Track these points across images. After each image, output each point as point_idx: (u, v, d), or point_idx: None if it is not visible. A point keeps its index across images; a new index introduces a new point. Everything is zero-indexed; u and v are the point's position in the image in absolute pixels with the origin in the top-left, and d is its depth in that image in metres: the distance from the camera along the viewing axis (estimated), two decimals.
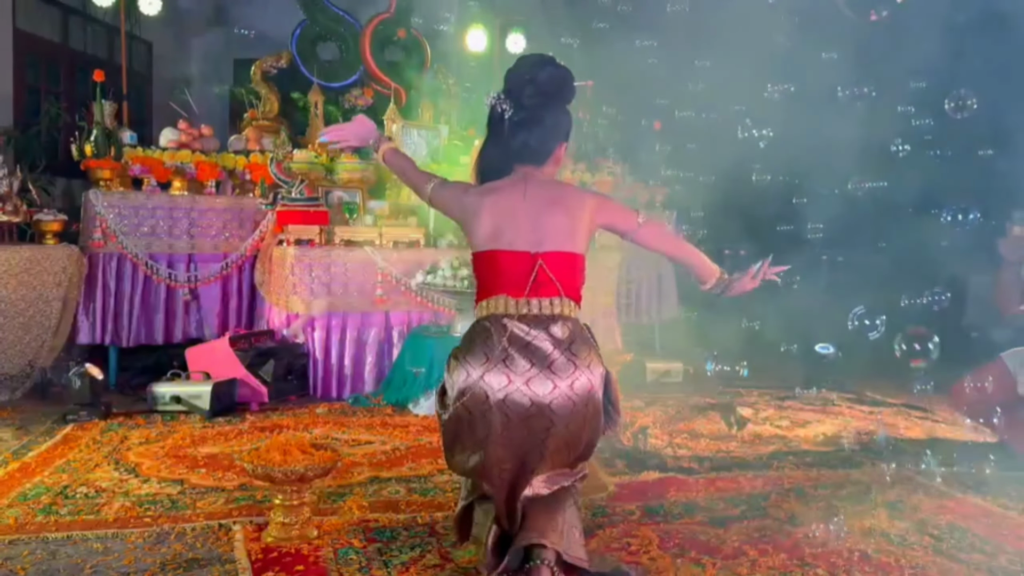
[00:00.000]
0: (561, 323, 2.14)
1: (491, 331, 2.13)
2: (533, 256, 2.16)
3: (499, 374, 2.08)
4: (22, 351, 4.57)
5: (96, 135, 4.98)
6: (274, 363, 4.70)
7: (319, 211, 5.03)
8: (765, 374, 5.76)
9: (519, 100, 2.22)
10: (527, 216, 2.18)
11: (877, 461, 3.60)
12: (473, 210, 2.23)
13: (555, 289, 2.16)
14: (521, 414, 2.07)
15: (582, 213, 2.22)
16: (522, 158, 2.26)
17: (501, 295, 2.17)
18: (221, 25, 8.43)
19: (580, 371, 2.10)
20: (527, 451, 2.10)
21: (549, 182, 2.30)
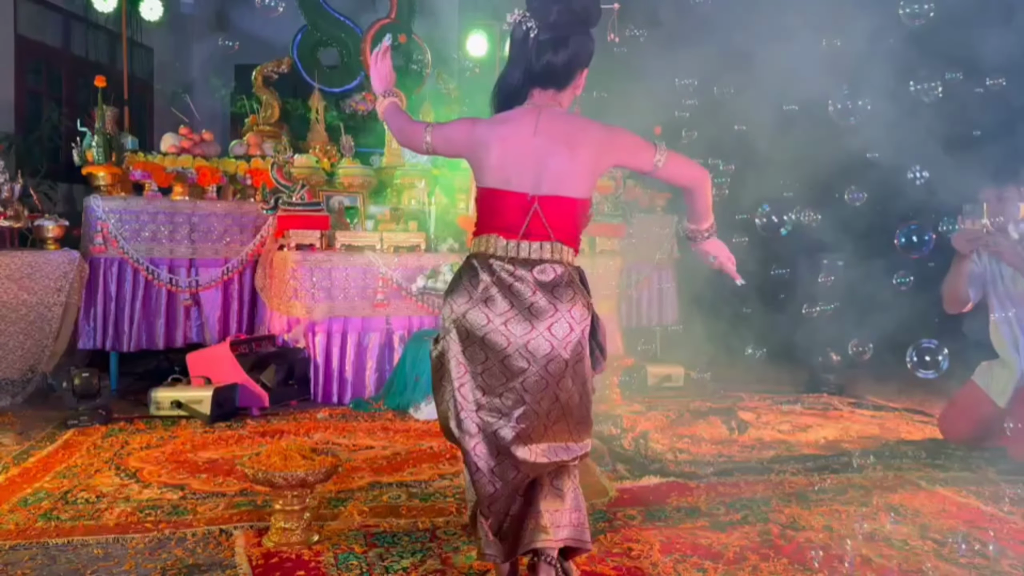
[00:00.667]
0: (549, 267, 2.11)
1: (477, 270, 2.14)
2: (531, 199, 2.13)
3: (479, 312, 2.10)
4: (23, 356, 4.57)
5: (97, 140, 4.99)
6: (275, 368, 4.71)
7: (320, 216, 5.03)
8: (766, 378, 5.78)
9: (546, 19, 2.13)
10: (533, 154, 2.13)
11: (879, 466, 3.59)
12: (483, 142, 2.16)
13: (547, 234, 2.13)
14: (499, 354, 2.08)
15: (589, 154, 2.15)
16: (544, 81, 2.17)
17: (493, 234, 2.16)
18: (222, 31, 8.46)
19: (560, 315, 2.08)
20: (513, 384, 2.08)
21: (562, 116, 2.20)
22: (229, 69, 8.43)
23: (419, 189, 5.55)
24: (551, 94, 2.19)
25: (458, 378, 2.12)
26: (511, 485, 2.10)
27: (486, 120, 2.23)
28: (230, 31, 8.46)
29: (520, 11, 2.16)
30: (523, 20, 2.14)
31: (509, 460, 2.08)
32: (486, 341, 2.08)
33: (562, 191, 2.13)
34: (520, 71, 2.18)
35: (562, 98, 2.22)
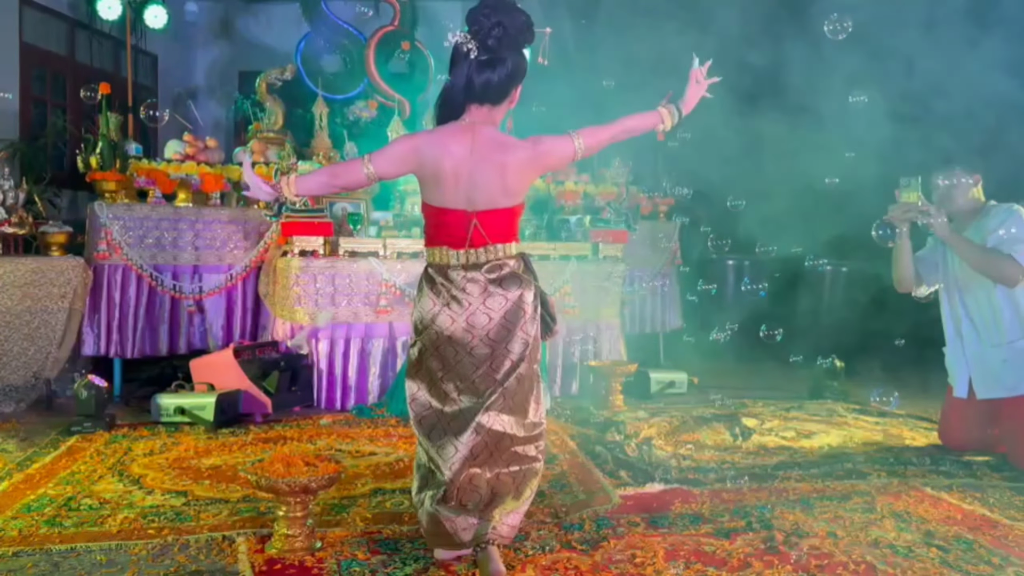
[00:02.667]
0: (495, 264, 2.46)
1: (435, 279, 2.48)
2: (469, 215, 2.43)
3: (445, 316, 2.44)
4: (27, 363, 4.58)
5: (101, 147, 5.01)
6: (278, 374, 4.71)
7: (323, 222, 5.04)
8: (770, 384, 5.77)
9: (485, 42, 2.37)
10: (468, 175, 2.39)
11: (883, 472, 3.58)
12: (427, 158, 2.40)
13: (483, 240, 2.44)
14: (466, 346, 2.43)
15: (517, 171, 2.44)
16: (481, 97, 2.42)
17: (443, 246, 2.48)
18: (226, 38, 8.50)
19: (508, 300, 2.45)
20: (474, 376, 2.43)
21: (493, 138, 2.43)
22: (233, 76, 8.46)
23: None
24: (486, 110, 2.46)
25: (438, 370, 2.46)
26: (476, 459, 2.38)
27: (423, 134, 2.49)
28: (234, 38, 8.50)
29: (461, 32, 2.40)
30: (464, 41, 2.38)
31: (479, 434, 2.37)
32: (453, 338, 2.44)
33: (495, 205, 2.44)
34: (460, 87, 2.42)
35: (496, 113, 2.49)
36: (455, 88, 2.43)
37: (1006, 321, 3.71)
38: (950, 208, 3.85)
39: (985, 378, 3.79)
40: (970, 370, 3.85)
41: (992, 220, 3.72)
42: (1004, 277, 3.64)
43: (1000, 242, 3.64)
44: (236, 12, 8.48)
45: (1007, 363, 3.71)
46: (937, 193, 3.87)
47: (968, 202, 3.84)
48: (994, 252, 3.64)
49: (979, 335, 3.81)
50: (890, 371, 6.22)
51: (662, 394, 5.34)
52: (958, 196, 3.84)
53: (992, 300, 3.73)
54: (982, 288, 3.74)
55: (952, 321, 3.93)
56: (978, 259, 3.69)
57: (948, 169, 3.87)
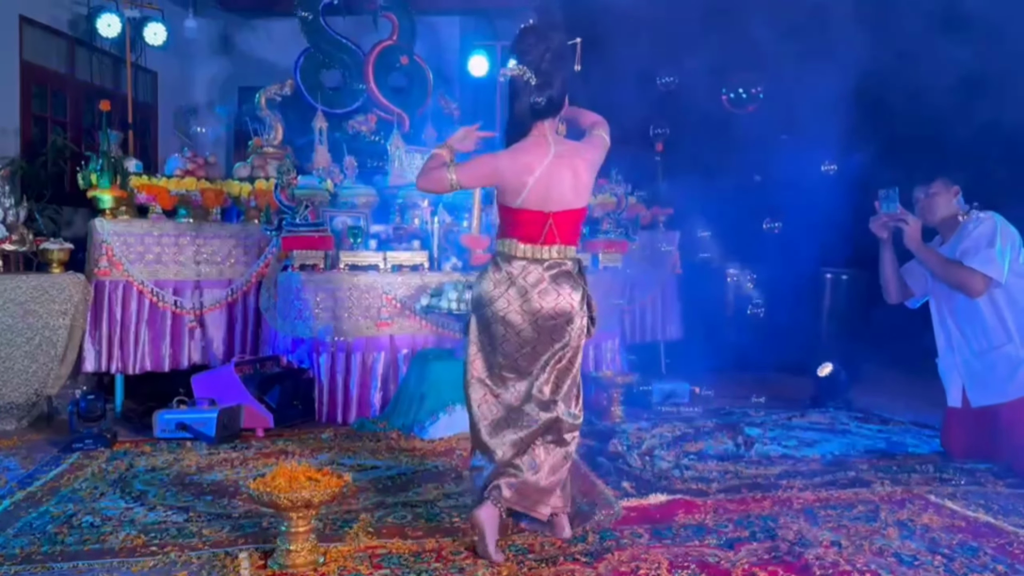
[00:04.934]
0: (556, 263, 2.81)
1: (501, 266, 2.82)
2: (546, 215, 2.77)
3: (503, 300, 2.79)
4: (28, 380, 4.58)
5: (102, 164, 5.02)
6: (279, 389, 4.70)
7: (323, 236, 5.05)
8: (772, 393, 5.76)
9: (539, 66, 2.74)
10: (547, 182, 2.74)
11: (886, 480, 3.57)
12: (507, 173, 2.75)
13: (555, 239, 2.80)
14: (515, 328, 2.79)
15: (587, 172, 2.83)
16: (543, 114, 2.78)
17: (515, 239, 2.81)
18: (226, 54, 8.54)
19: (560, 295, 2.79)
20: (518, 355, 2.81)
21: (568, 147, 2.83)
22: (233, 92, 8.50)
23: (422, 208, 5.57)
24: (549, 122, 2.82)
25: (487, 344, 2.85)
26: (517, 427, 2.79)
27: (503, 153, 2.81)
28: (233, 54, 8.54)
29: (515, 64, 2.77)
30: (521, 72, 2.75)
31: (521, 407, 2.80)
32: (506, 319, 2.79)
33: (572, 205, 2.81)
34: (526, 111, 2.78)
35: (556, 123, 2.87)
36: (522, 113, 2.78)
37: (990, 326, 3.73)
38: (931, 219, 3.92)
39: (977, 386, 3.80)
40: (962, 378, 3.86)
41: (966, 229, 3.77)
42: (965, 287, 3.71)
43: (964, 252, 3.70)
44: (235, 28, 8.52)
45: (995, 369, 3.72)
46: (917, 206, 3.93)
47: (949, 213, 3.88)
48: (955, 263, 3.71)
49: (968, 343, 3.83)
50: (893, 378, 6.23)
51: (664, 404, 5.33)
52: (938, 208, 3.90)
53: (975, 307, 3.75)
54: (965, 296, 3.76)
55: (942, 330, 3.95)
56: (942, 270, 3.77)
57: (927, 181, 3.93)
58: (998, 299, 3.70)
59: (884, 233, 3.93)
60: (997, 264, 3.63)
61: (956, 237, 3.82)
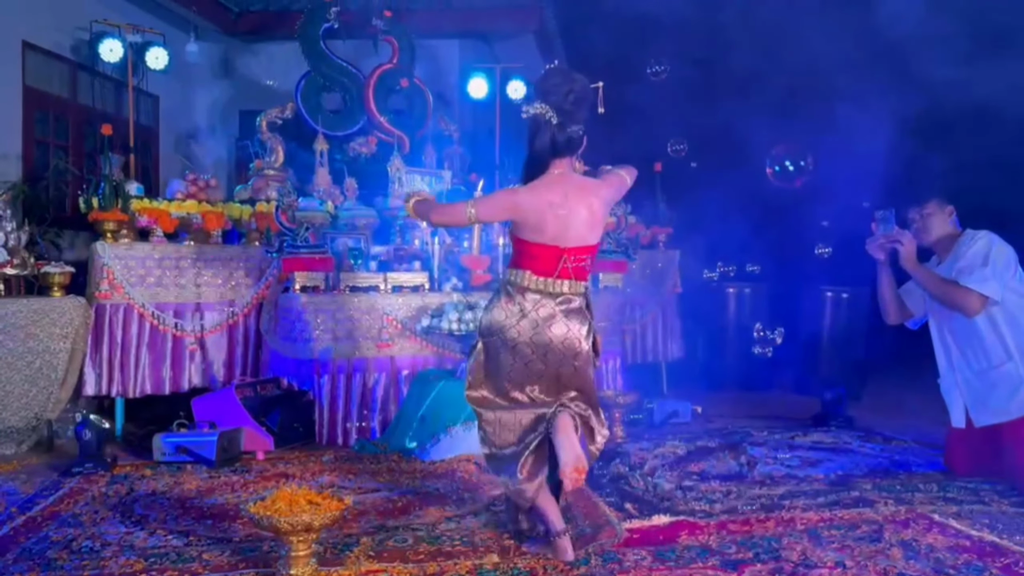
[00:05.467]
0: (568, 298, 2.89)
1: (513, 296, 2.89)
2: (562, 250, 2.85)
3: (514, 329, 2.86)
4: (28, 404, 4.57)
5: (104, 188, 5.04)
6: (280, 411, 4.69)
7: (324, 258, 5.06)
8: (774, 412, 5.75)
9: (562, 106, 2.82)
10: (563, 219, 2.83)
11: (890, 500, 3.55)
12: (525, 209, 2.84)
13: (569, 274, 2.88)
14: (524, 358, 2.86)
15: (601, 209, 2.92)
16: (563, 152, 2.88)
17: (529, 271, 2.88)
18: (227, 78, 8.60)
19: (570, 330, 2.87)
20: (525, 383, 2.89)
21: (583, 185, 2.93)
22: (234, 115, 8.54)
23: (422, 229, 5.59)
24: (568, 160, 2.92)
25: (494, 371, 2.92)
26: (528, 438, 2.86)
27: (522, 189, 2.90)
28: (234, 78, 8.60)
29: (538, 103, 2.84)
30: (544, 110, 2.82)
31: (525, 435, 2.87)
32: (516, 349, 2.86)
33: (583, 242, 2.89)
34: (546, 149, 2.86)
35: (574, 162, 3.00)
36: (542, 150, 2.87)
37: (989, 345, 3.73)
38: (927, 240, 3.93)
39: (979, 405, 3.80)
40: (964, 398, 3.85)
41: (961, 248, 3.78)
42: (960, 306, 3.72)
43: (959, 272, 3.71)
44: (236, 52, 8.58)
45: (996, 388, 3.71)
46: (913, 226, 3.95)
47: (944, 233, 3.90)
48: (951, 282, 3.72)
49: (968, 362, 3.83)
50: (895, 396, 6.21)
51: (666, 424, 5.31)
52: (933, 228, 3.92)
53: (974, 326, 3.75)
54: (963, 315, 3.76)
55: (943, 350, 3.95)
56: (938, 290, 3.78)
57: (922, 202, 3.95)
58: (996, 317, 3.70)
59: (881, 254, 3.95)
60: (992, 282, 3.64)
61: (952, 257, 3.83)
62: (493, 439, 2.94)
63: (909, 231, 3.91)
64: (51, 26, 6.57)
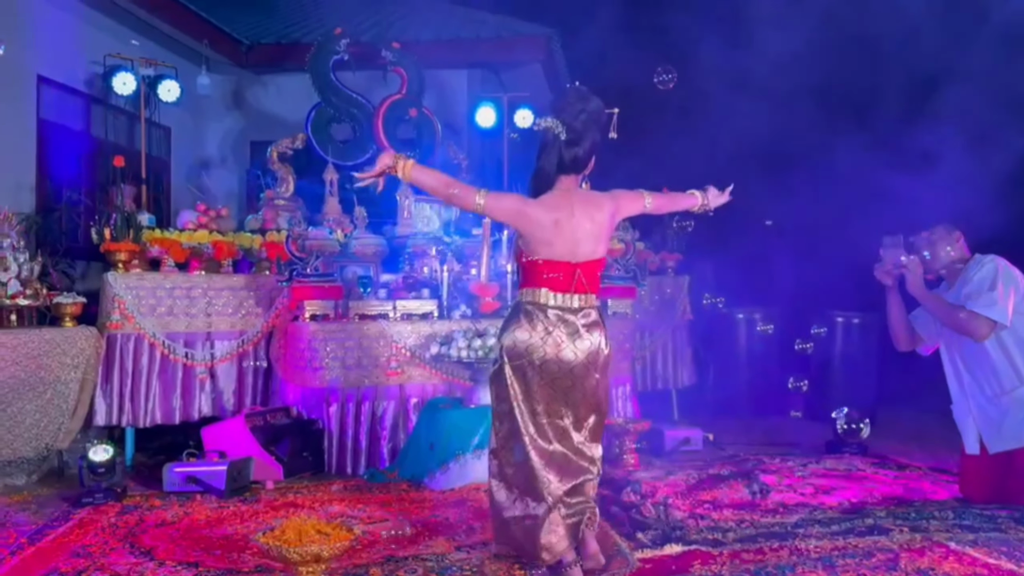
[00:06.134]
0: (587, 311, 2.95)
1: (534, 314, 2.92)
2: (574, 265, 2.91)
3: (539, 347, 2.88)
4: (39, 434, 4.58)
5: (115, 219, 5.09)
6: (289, 440, 4.68)
7: (333, 286, 5.08)
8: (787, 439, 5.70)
9: (572, 124, 2.88)
10: (571, 233, 2.89)
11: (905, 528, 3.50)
12: (532, 221, 2.89)
13: (584, 288, 2.94)
14: (549, 375, 2.89)
15: (607, 222, 2.98)
16: (569, 169, 2.93)
17: (544, 288, 2.93)
18: (238, 109, 8.70)
19: (592, 342, 2.93)
20: (556, 399, 2.91)
21: (586, 199, 2.97)
22: (245, 146, 8.64)
23: (431, 257, 5.61)
24: (573, 178, 2.97)
25: (521, 390, 2.91)
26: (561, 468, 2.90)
27: (533, 201, 2.93)
28: (245, 110, 8.70)
29: (550, 118, 2.90)
30: (554, 125, 2.88)
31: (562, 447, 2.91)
32: (543, 367, 2.89)
33: (595, 255, 2.96)
34: (553, 164, 2.92)
35: (579, 179, 3.02)
36: (549, 164, 2.93)
37: (1000, 370, 3.70)
38: (934, 266, 3.92)
39: (993, 432, 3.76)
40: (978, 424, 3.81)
41: (968, 273, 3.77)
42: (968, 331, 3.70)
43: (967, 297, 3.69)
44: (247, 84, 8.70)
45: (1010, 413, 3.68)
46: (920, 253, 3.94)
47: (953, 259, 3.89)
48: (958, 307, 3.70)
49: (980, 388, 3.79)
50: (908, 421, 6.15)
51: (677, 451, 5.27)
52: (941, 254, 3.91)
53: (984, 351, 3.73)
54: (974, 340, 3.74)
55: (954, 377, 3.92)
56: (946, 315, 3.77)
57: (929, 228, 3.95)
58: (1007, 342, 3.68)
59: (889, 280, 3.94)
60: (1000, 307, 3.62)
61: (960, 282, 3.81)
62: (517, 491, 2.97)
63: (916, 257, 3.90)
64: (66, 60, 6.68)
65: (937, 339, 4.00)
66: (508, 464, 2.97)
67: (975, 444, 3.84)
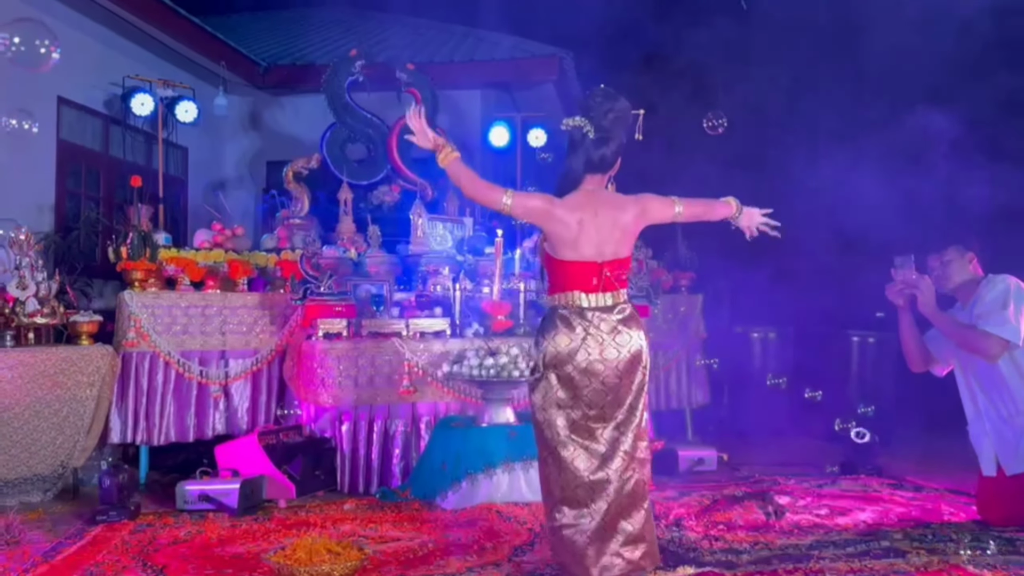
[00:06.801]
0: (621, 307, 2.94)
1: (571, 319, 2.89)
2: (600, 264, 2.90)
3: (583, 350, 2.85)
4: (55, 452, 4.61)
5: (132, 238, 5.15)
6: (302, 459, 4.69)
7: (347, 305, 5.11)
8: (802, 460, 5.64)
9: (600, 123, 2.88)
10: (596, 233, 2.89)
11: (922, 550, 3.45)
12: (559, 222, 2.88)
13: (613, 285, 2.93)
14: (598, 376, 2.85)
15: (632, 225, 2.96)
16: (596, 168, 2.93)
17: (575, 291, 2.91)
18: (255, 130, 8.80)
19: (632, 339, 2.90)
20: (604, 402, 2.85)
21: (611, 199, 2.98)
22: (261, 166, 8.72)
23: (444, 275, 5.63)
24: (599, 177, 2.97)
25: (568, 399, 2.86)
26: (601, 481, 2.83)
27: (559, 201, 2.92)
28: (262, 130, 8.80)
29: (579, 117, 2.90)
30: (583, 124, 2.89)
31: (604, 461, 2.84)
32: (590, 369, 2.85)
33: (617, 255, 2.95)
34: (580, 163, 2.93)
35: (605, 179, 3.02)
36: (576, 164, 2.94)
37: (1015, 390, 3.66)
38: (947, 286, 3.89)
39: (1009, 453, 3.71)
40: (994, 446, 3.76)
41: (980, 293, 3.74)
42: (981, 351, 3.66)
43: (979, 317, 3.66)
44: (264, 105, 8.80)
45: None
46: (933, 274, 3.90)
47: (965, 278, 3.85)
48: (970, 327, 3.67)
49: (995, 409, 3.75)
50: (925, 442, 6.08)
51: (691, 472, 5.23)
52: (952, 274, 3.88)
53: (998, 372, 3.69)
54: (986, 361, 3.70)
55: (969, 398, 3.88)
56: (958, 335, 3.74)
57: (941, 248, 3.91)
58: (1020, 361, 3.64)
59: (900, 300, 3.90)
60: (1012, 326, 3.59)
61: (973, 302, 3.78)
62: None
63: (929, 277, 3.87)
64: (85, 82, 6.79)
65: (951, 360, 3.96)
66: (554, 473, 2.88)
67: (992, 466, 3.79)
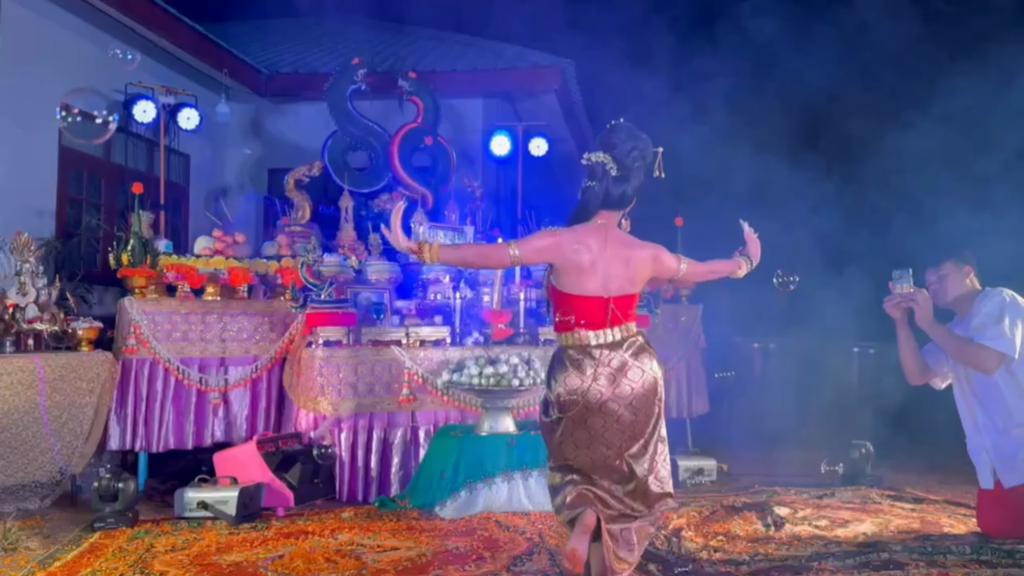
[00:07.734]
0: (630, 340, 2.88)
1: (579, 359, 2.85)
2: (607, 300, 2.85)
3: (595, 389, 2.80)
4: (53, 458, 4.60)
5: (133, 244, 5.15)
6: (300, 466, 4.68)
7: (347, 313, 5.10)
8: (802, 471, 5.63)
9: (623, 160, 2.87)
10: (604, 269, 2.86)
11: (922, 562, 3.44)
12: (568, 253, 2.85)
13: (620, 320, 2.87)
14: (613, 415, 2.80)
15: (639, 268, 2.93)
16: (613, 205, 2.91)
17: (582, 329, 2.86)
18: (256, 137, 8.82)
19: (646, 373, 2.85)
20: (620, 441, 2.83)
21: (623, 238, 2.96)
22: (263, 173, 8.74)
23: (444, 284, 5.63)
24: (614, 214, 2.94)
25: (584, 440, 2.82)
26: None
27: (563, 230, 2.92)
28: (263, 138, 8.82)
29: (601, 152, 2.89)
30: (605, 160, 2.87)
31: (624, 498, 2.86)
32: (603, 409, 2.80)
33: (624, 292, 2.90)
34: (599, 197, 2.90)
35: (619, 216, 2.99)
36: (593, 198, 2.91)
37: (1011, 403, 3.66)
38: (944, 300, 3.89)
39: (1007, 466, 3.70)
40: (992, 458, 3.76)
41: (977, 306, 3.74)
42: (977, 364, 3.66)
43: (975, 330, 3.66)
44: (266, 113, 8.82)
45: (1023, 446, 3.62)
46: (930, 288, 3.91)
47: (963, 292, 3.86)
48: (966, 341, 3.67)
49: (992, 421, 3.75)
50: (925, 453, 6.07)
51: (691, 482, 5.22)
52: (950, 289, 3.88)
53: (994, 384, 3.69)
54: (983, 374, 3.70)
55: (967, 411, 3.88)
56: (954, 348, 3.74)
57: (938, 263, 3.92)
58: (1017, 374, 3.64)
59: (897, 313, 3.90)
60: (1007, 339, 3.59)
61: (970, 315, 3.79)
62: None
63: (927, 290, 3.88)
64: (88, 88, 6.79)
65: (950, 373, 3.96)
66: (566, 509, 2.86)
67: (989, 478, 3.78)
